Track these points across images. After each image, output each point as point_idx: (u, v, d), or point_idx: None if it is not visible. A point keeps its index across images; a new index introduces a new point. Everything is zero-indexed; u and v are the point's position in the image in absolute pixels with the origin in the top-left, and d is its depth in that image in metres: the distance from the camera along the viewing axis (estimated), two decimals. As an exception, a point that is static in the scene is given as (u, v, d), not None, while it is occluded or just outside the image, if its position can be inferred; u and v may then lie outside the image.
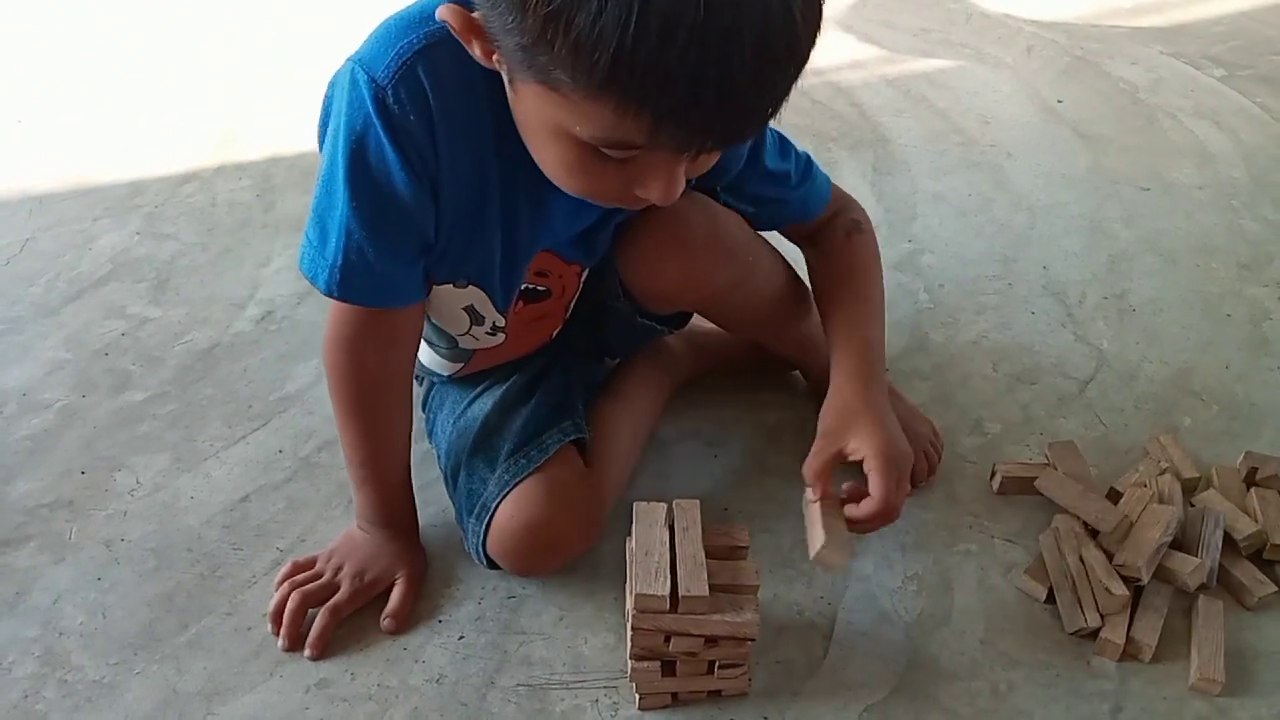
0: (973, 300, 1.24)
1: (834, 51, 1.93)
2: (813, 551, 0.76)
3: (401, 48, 0.68)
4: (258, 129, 1.64)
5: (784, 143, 0.88)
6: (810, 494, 0.79)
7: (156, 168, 1.52)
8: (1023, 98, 1.77)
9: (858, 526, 0.79)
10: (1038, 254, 1.33)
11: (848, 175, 1.51)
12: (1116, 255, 1.33)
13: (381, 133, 0.70)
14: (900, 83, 1.82)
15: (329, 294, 0.76)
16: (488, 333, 0.87)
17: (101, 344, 1.16)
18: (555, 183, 0.69)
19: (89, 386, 1.10)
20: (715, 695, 0.79)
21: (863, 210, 0.96)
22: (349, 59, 0.71)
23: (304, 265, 0.76)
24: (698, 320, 1.07)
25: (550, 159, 0.67)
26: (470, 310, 0.84)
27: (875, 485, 0.78)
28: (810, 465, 0.80)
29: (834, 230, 0.93)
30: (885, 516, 0.79)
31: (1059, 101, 1.75)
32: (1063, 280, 1.28)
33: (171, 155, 1.56)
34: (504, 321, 0.86)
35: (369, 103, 0.69)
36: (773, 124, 0.63)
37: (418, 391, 1.03)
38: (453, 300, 0.83)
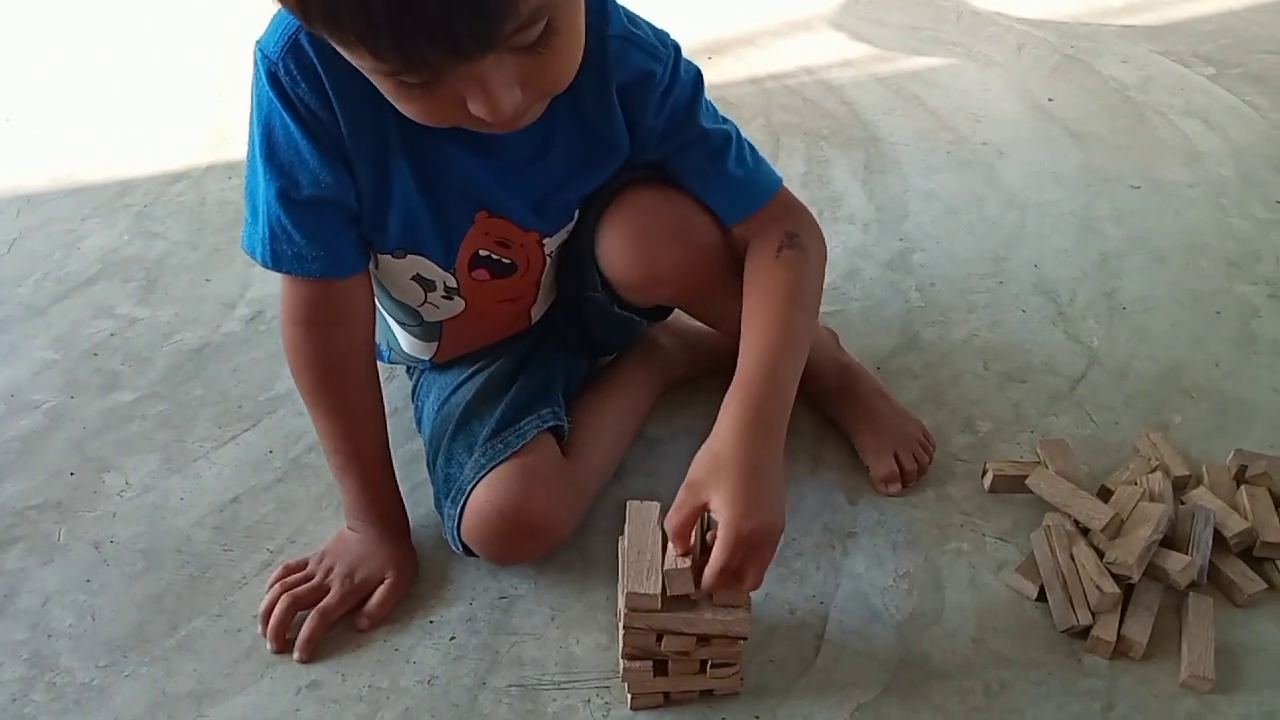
0: (964, 299, 1.24)
1: (825, 49, 1.93)
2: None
3: (288, 23, 0.71)
4: (248, 128, 1.63)
5: (724, 121, 0.86)
6: (671, 551, 0.72)
7: (146, 167, 1.51)
8: (1013, 96, 1.77)
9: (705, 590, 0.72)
10: (1028, 252, 1.33)
11: (839, 174, 1.51)
12: (1107, 253, 1.34)
13: (281, 109, 0.73)
14: (891, 81, 1.82)
15: (265, 265, 0.79)
16: (443, 297, 0.88)
17: (90, 344, 1.15)
18: None
19: (77, 387, 1.09)
20: (707, 695, 0.79)
21: (811, 223, 0.87)
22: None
23: (244, 243, 0.80)
24: (690, 319, 1.07)
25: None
26: (419, 279, 0.86)
27: (714, 559, 0.70)
28: (670, 520, 0.73)
29: (766, 241, 0.84)
30: (724, 585, 0.71)
31: (1049, 100, 1.75)
32: (1053, 278, 1.28)
33: (161, 154, 1.55)
34: (455, 282, 0.86)
35: (265, 82, 0.72)
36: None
37: (407, 384, 1.03)
38: (399, 272, 0.85)
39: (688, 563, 0.72)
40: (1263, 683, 0.81)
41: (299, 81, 0.71)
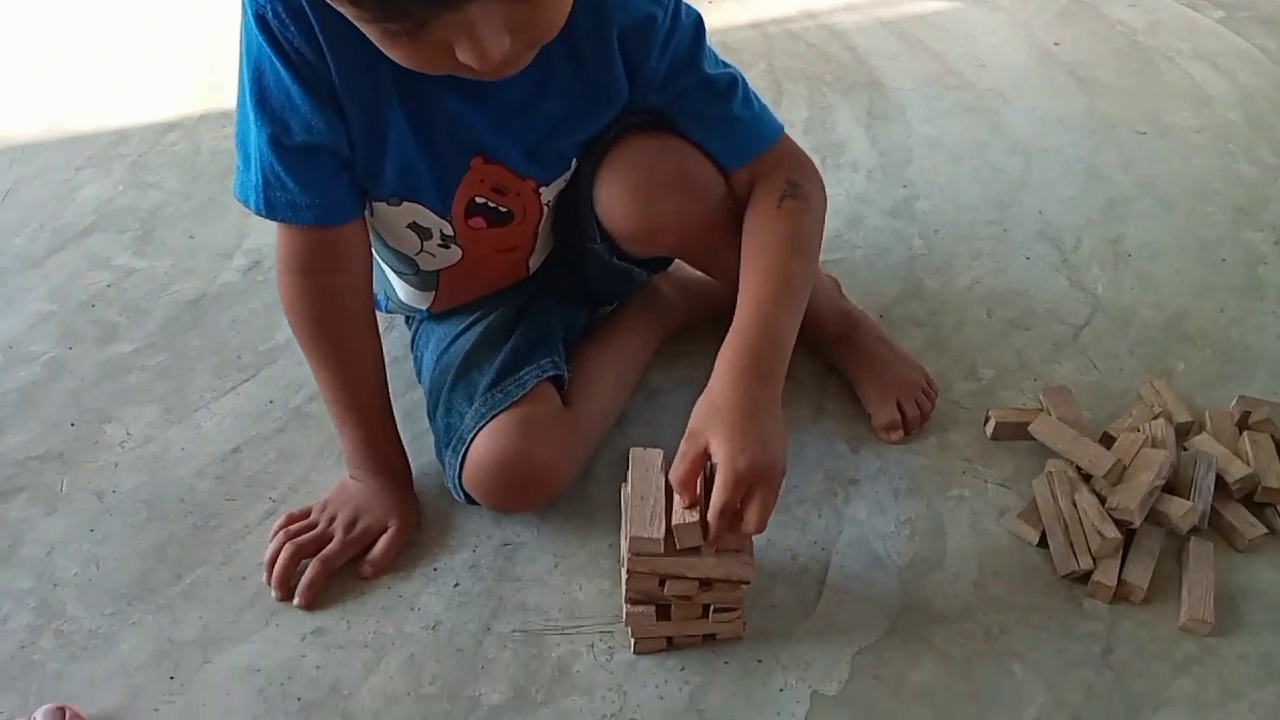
0: (968, 246, 1.23)
1: (828, -6, 1.90)
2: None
3: None
4: (238, 74, 1.60)
5: (726, 66, 0.85)
6: (678, 504, 0.73)
7: (139, 116, 1.49)
8: (1019, 41, 1.74)
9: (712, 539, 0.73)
10: (1033, 199, 1.32)
11: (842, 119, 1.49)
12: (1113, 200, 1.32)
13: (271, 53, 0.72)
14: (895, 25, 1.79)
15: (259, 213, 0.78)
16: (440, 245, 0.87)
17: (87, 295, 1.14)
18: None
19: (75, 338, 1.08)
20: (710, 639, 0.79)
21: (813, 172, 0.87)
22: None
23: (236, 190, 0.79)
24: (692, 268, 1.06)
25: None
26: (415, 227, 0.85)
27: (714, 498, 0.71)
28: (675, 471, 0.73)
29: (769, 189, 0.84)
30: (728, 528, 0.72)
31: (1056, 44, 1.73)
32: (1058, 225, 1.27)
33: (155, 103, 1.53)
34: (452, 230, 0.85)
35: (254, 26, 0.71)
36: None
37: (407, 333, 1.02)
38: (394, 219, 0.85)
39: (695, 516, 0.72)
40: (1261, 625, 0.82)
41: (288, 25, 0.70)
